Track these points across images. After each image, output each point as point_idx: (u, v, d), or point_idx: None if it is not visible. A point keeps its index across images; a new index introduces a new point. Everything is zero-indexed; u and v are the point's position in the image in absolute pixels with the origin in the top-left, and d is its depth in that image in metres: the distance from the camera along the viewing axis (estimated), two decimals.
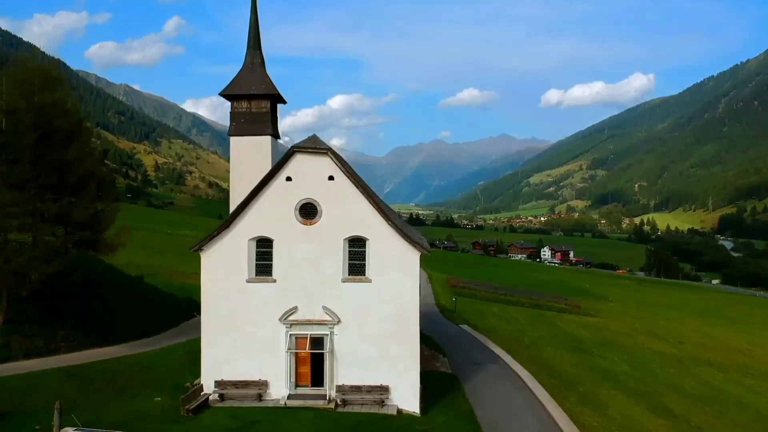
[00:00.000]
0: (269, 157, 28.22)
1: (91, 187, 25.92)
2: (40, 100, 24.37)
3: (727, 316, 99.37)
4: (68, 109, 25.64)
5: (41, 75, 24.62)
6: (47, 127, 24.44)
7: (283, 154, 23.26)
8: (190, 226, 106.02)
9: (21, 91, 24.09)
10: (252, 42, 30.80)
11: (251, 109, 29.04)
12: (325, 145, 22.63)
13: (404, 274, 22.66)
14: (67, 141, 25.10)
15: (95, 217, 25.78)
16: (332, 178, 22.66)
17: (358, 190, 22.52)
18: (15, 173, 23.26)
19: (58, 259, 23.09)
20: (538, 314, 57.82)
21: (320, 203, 22.72)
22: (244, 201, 23.10)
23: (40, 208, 23.39)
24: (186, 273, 48.58)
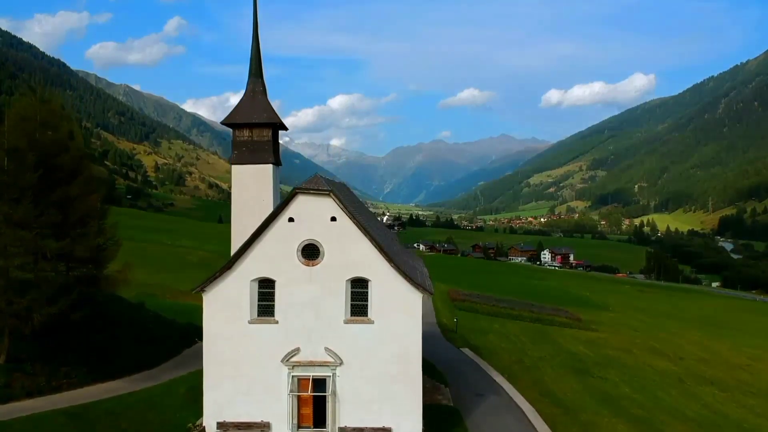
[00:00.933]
0: (271, 185, 28.29)
1: (93, 223, 25.92)
2: (43, 138, 24.34)
3: (727, 324, 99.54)
4: (70, 146, 25.58)
5: (44, 112, 24.56)
6: (49, 165, 24.41)
7: (286, 196, 23.24)
8: (190, 234, 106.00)
9: (23, 129, 24.08)
10: (253, 70, 30.85)
11: (253, 138, 29.10)
12: (327, 186, 22.62)
13: (406, 315, 22.65)
14: (70, 178, 25.08)
15: (97, 254, 25.74)
16: (334, 219, 22.68)
17: (360, 231, 22.51)
18: (17, 212, 23.24)
19: (61, 299, 23.05)
20: (539, 330, 57.81)
21: (322, 244, 22.73)
22: (247, 242, 23.14)
23: (42, 246, 23.35)
24: (186, 292, 48.47)
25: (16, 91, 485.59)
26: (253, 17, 32.90)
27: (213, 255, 76.13)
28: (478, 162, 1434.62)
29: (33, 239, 23.12)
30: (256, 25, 32.31)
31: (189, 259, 70.53)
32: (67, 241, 23.70)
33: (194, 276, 60.06)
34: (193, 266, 66.60)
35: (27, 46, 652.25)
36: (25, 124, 24.38)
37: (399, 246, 30.45)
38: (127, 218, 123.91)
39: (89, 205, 25.84)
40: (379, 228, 29.79)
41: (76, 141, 26.30)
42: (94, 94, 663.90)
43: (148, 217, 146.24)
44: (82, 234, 25.26)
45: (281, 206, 22.99)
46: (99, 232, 26.55)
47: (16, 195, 23.55)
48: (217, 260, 73.22)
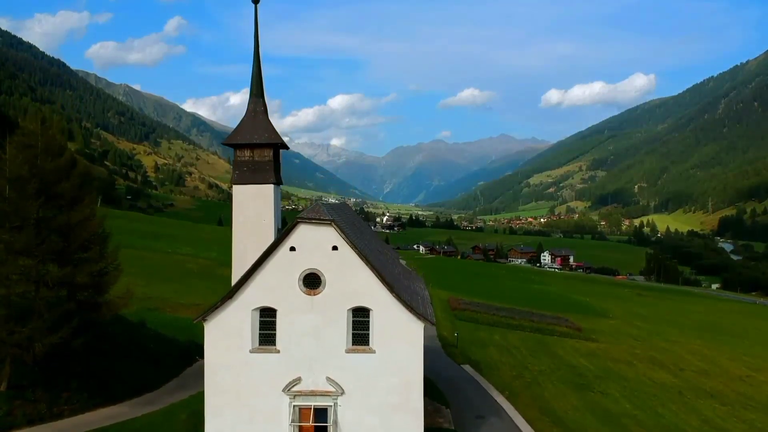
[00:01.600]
0: (272, 205, 28.34)
1: (95, 249, 25.94)
2: (44, 165, 24.35)
3: (727, 330, 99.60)
4: (72, 172, 25.59)
5: (45, 139, 24.58)
6: (51, 192, 24.42)
7: (288, 225, 23.25)
8: (190, 240, 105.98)
9: (25, 157, 24.08)
10: (254, 89, 30.92)
11: (254, 158, 29.18)
12: (328, 216, 22.62)
13: (408, 344, 22.66)
14: (71, 204, 25.08)
15: (98, 280, 25.75)
16: (336, 248, 22.69)
17: (362, 261, 22.52)
18: (19, 241, 23.24)
19: (63, 327, 23.07)
20: (539, 341, 57.85)
21: (324, 273, 22.74)
22: (248, 271, 23.15)
23: (44, 274, 23.37)
24: (186, 305, 48.63)
25: (15, 91, 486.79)
26: (255, 38, 32.88)
27: (213, 263, 76.19)
28: (478, 162, 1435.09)
29: (35, 267, 23.12)
30: (257, 45, 32.34)
31: (189, 268, 70.51)
32: (69, 269, 23.70)
33: (194, 286, 60.20)
34: (194, 275, 66.61)
35: (27, 46, 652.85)
36: (27, 151, 24.36)
37: (400, 268, 30.43)
38: (126, 222, 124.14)
39: (90, 230, 25.83)
40: (380, 251, 29.77)
41: (78, 168, 26.21)
42: (94, 94, 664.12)
43: (148, 220, 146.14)
44: (84, 260, 25.26)
45: (283, 235, 23.00)
46: (100, 257, 26.54)
47: (18, 223, 23.56)
48: (217, 268, 73.31)
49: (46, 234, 23.97)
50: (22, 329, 22.42)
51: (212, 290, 56.72)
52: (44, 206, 24.19)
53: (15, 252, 23.22)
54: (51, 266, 23.97)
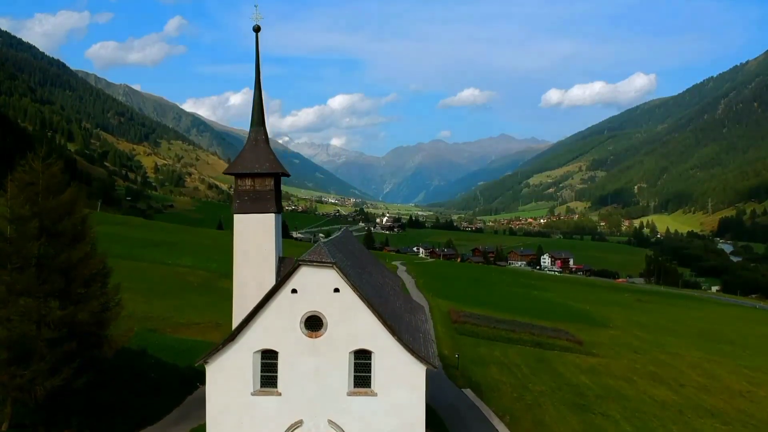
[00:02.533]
0: (273, 234, 28.46)
1: (96, 286, 25.91)
2: (46, 203, 24.33)
3: (727, 338, 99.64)
4: (73, 209, 25.57)
5: (47, 177, 24.56)
6: (52, 231, 24.39)
7: (289, 268, 23.22)
8: (191, 248, 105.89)
9: (27, 195, 24.05)
10: (256, 119, 31.11)
11: (255, 187, 29.33)
12: (330, 258, 22.60)
13: (410, 387, 22.66)
14: (72, 242, 25.06)
15: (100, 317, 25.73)
16: (337, 290, 22.68)
17: (363, 303, 22.51)
18: (20, 281, 23.21)
19: (65, 368, 23.04)
20: (539, 356, 57.82)
21: (325, 316, 22.73)
22: (250, 313, 23.14)
23: (45, 315, 23.34)
24: (186, 324, 48.59)
25: (15, 92, 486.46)
26: (256, 65, 33.01)
27: (213, 275, 76.16)
28: (477, 162, 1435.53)
29: (36, 307, 23.10)
30: (258, 73, 32.46)
31: (190, 281, 70.48)
32: (71, 309, 23.66)
33: (194, 302, 60.15)
34: (194, 289, 66.57)
35: (27, 47, 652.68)
36: (28, 189, 24.33)
37: (401, 300, 30.40)
38: (127, 229, 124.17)
39: (92, 268, 25.79)
40: (381, 284, 29.76)
41: (78, 205, 26.18)
42: (93, 94, 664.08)
43: (148, 226, 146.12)
44: (85, 298, 25.22)
45: (284, 278, 22.99)
46: (101, 294, 26.52)
47: (19, 264, 23.53)
48: (217, 280, 73.32)
49: (47, 274, 23.91)
50: (24, 372, 22.38)
51: (212, 306, 56.83)
52: (45, 245, 24.13)
53: (16, 293, 23.19)
54: (53, 303, 23.90)
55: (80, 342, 24.65)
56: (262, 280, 28.44)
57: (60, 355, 23.37)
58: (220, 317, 51.06)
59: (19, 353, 23.06)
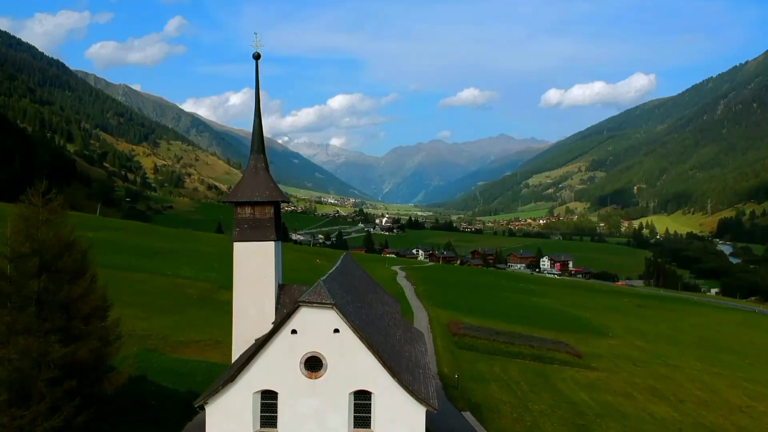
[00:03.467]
0: (273, 262, 28.57)
1: (96, 322, 25.90)
2: (46, 239, 24.29)
3: (726, 346, 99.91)
4: (73, 245, 25.55)
5: (46, 212, 24.53)
6: (52, 268, 24.36)
7: (290, 309, 23.21)
8: (190, 255, 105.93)
9: (27, 232, 24.00)
10: (255, 146, 31.14)
11: (255, 215, 29.41)
12: (330, 299, 22.59)
13: (409, 428, 22.66)
14: (73, 278, 25.02)
15: (100, 353, 25.70)
16: (337, 331, 22.69)
17: (363, 344, 22.52)
18: (20, 321, 23.17)
19: (65, 407, 23.01)
20: (539, 372, 57.85)
21: (325, 356, 22.73)
22: (251, 354, 23.11)
23: (46, 354, 23.31)
24: (186, 342, 48.55)
25: (15, 92, 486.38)
26: (255, 92, 33.00)
27: (213, 286, 76.16)
28: (477, 162, 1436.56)
29: (37, 347, 23.07)
30: (258, 99, 32.46)
31: (189, 294, 70.45)
32: (71, 347, 23.62)
33: (194, 317, 60.11)
34: (194, 303, 66.54)
35: (26, 47, 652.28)
36: (28, 225, 24.28)
37: (402, 330, 30.35)
38: (126, 236, 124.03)
39: (92, 304, 25.73)
40: (380, 315, 29.74)
41: (78, 241, 26.15)
42: (93, 95, 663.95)
43: (148, 232, 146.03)
44: (85, 334, 25.18)
45: (285, 318, 22.98)
46: (102, 329, 26.49)
47: (20, 303, 23.49)
48: (217, 292, 73.29)
49: (47, 312, 23.87)
50: (24, 413, 22.34)
51: (211, 322, 56.81)
52: (45, 282, 24.09)
53: (17, 332, 23.14)
54: (53, 341, 23.84)
55: (80, 380, 24.60)
56: (262, 307, 28.59)
57: (60, 394, 23.32)
58: (219, 334, 51.07)
59: (19, 394, 23.01)
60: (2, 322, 23.21)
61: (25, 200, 25.06)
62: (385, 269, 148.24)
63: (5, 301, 23.53)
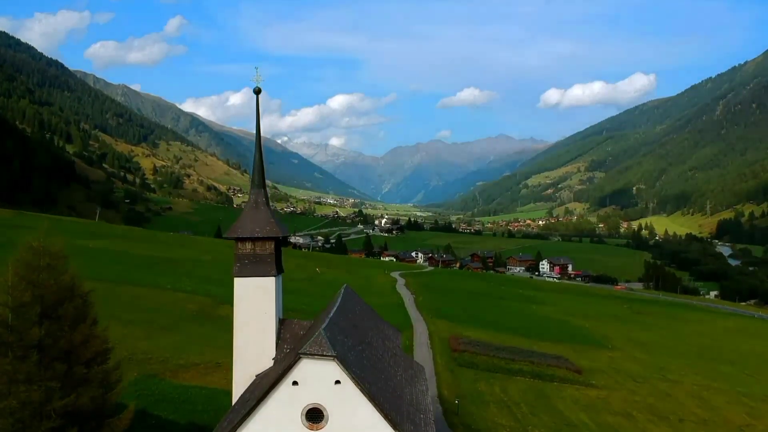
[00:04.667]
0: (273, 298, 28.71)
1: (97, 369, 25.82)
2: (47, 285, 24.24)
3: (727, 357, 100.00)
4: (74, 290, 25.49)
5: (47, 257, 24.49)
6: (53, 315, 24.32)
7: (291, 360, 23.16)
8: (189, 264, 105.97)
9: (28, 279, 23.95)
10: (256, 181, 31.13)
11: (255, 251, 29.51)
12: (331, 351, 22.56)
13: None
14: (73, 325, 24.97)
15: (101, 403, 25.63)
16: (339, 382, 22.65)
17: (365, 396, 22.49)
18: (21, 371, 23.11)
19: None
20: (539, 391, 57.87)
21: (326, 408, 22.69)
22: (251, 406, 23.06)
23: (46, 404, 23.26)
24: (186, 366, 48.45)
25: (14, 93, 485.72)
26: (256, 127, 33.00)
27: (213, 300, 76.06)
28: (476, 162, 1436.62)
29: (39, 396, 23.02)
30: (258, 135, 32.46)
31: (189, 309, 70.36)
32: (72, 396, 23.58)
33: (194, 335, 60.01)
34: (193, 319, 66.49)
35: (25, 47, 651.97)
36: (29, 272, 24.24)
37: (402, 368, 30.29)
38: (126, 244, 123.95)
39: (93, 350, 25.66)
40: (380, 356, 29.71)
41: (79, 285, 26.09)
42: (92, 95, 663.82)
43: (148, 239, 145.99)
44: (86, 381, 25.13)
45: (285, 370, 22.92)
46: (103, 374, 26.42)
47: (21, 353, 23.43)
48: (217, 308, 73.19)
49: (48, 360, 23.82)
50: None
51: (211, 341, 56.76)
52: (47, 330, 24.05)
53: (18, 382, 23.09)
54: (54, 390, 23.80)
55: (81, 427, 24.56)
56: (263, 343, 28.70)
57: None
58: (219, 355, 51.10)
59: None
60: (3, 372, 23.19)
61: (26, 244, 25.06)
62: (385, 276, 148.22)
63: (6, 351, 23.48)
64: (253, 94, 30.78)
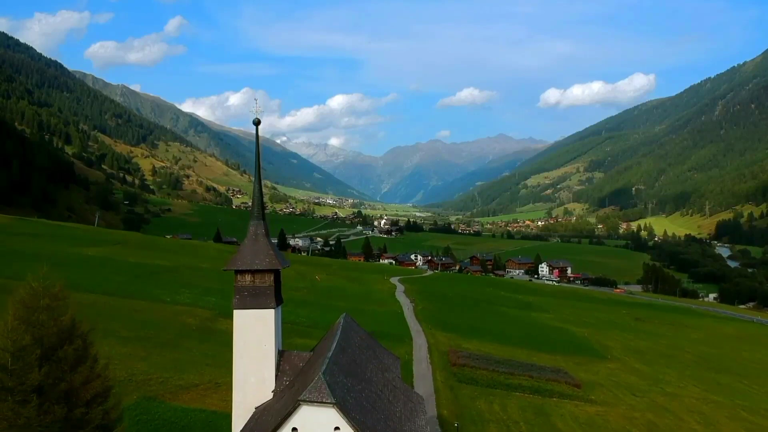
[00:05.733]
0: (272, 329, 28.94)
1: (97, 409, 25.82)
2: (47, 327, 24.24)
3: (726, 366, 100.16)
4: (74, 331, 25.50)
5: (47, 298, 24.50)
6: (53, 358, 24.32)
7: (290, 407, 23.17)
8: (188, 276, 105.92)
9: (27, 321, 23.94)
10: (256, 213, 31.24)
11: (255, 283, 29.73)
12: (331, 397, 22.59)
13: None
14: (74, 366, 24.97)
15: None
16: (338, 428, 22.69)
17: None
18: (21, 415, 23.11)
19: None
20: (538, 408, 57.84)
21: None
22: None
23: None
24: (185, 387, 48.36)
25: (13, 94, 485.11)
26: (256, 159, 33.05)
27: (212, 314, 76.08)
28: (475, 162, 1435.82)
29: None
30: (258, 167, 32.55)
31: (189, 324, 70.30)
32: None
33: (194, 353, 59.97)
34: (193, 334, 66.41)
35: (24, 48, 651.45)
36: (29, 314, 24.23)
37: (401, 404, 30.34)
38: (125, 252, 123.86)
39: (94, 390, 25.66)
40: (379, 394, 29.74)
41: (79, 326, 26.10)
42: (91, 96, 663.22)
43: (147, 245, 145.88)
44: (86, 422, 25.13)
45: (285, 417, 22.94)
46: (104, 414, 26.42)
47: (21, 398, 23.42)
48: (217, 321, 73.16)
49: (48, 404, 23.82)
50: None
51: (211, 358, 56.78)
52: (47, 373, 24.05)
53: (18, 427, 23.10)
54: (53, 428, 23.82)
55: None
56: (262, 375, 28.88)
57: None
58: (218, 374, 51.17)
59: None
60: (3, 418, 23.18)
61: (27, 286, 25.05)
62: (384, 282, 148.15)
63: (6, 396, 23.47)
64: (253, 94, 30.97)
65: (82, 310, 66.83)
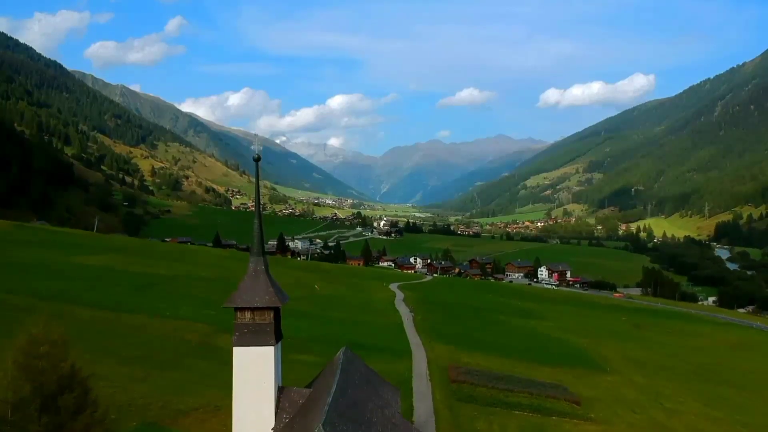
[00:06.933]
0: (272, 367, 29.04)
1: None
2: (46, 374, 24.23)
3: (726, 377, 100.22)
4: (73, 378, 25.50)
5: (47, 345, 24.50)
6: (52, 407, 24.33)
7: None
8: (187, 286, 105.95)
9: (27, 369, 23.95)
10: (256, 249, 31.28)
11: (255, 320, 29.85)
12: None
13: None
14: (74, 415, 24.99)
15: None
16: None
17: None
18: None
19: None
20: (538, 428, 57.76)
21: None
22: None
23: None
24: (185, 411, 48.26)
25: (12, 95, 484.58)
26: (256, 197, 32.97)
27: (211, 329, 76.02)
28: (475, 162, 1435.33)
29: None
30: (258, 204, 32.51)
31: (188, 340, 70.25)
32: None
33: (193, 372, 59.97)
34: (193, 352, 66.31)
35: (24, 48, 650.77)
36: (28, 360, 24.23)
37: None
38: (124, 260, 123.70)
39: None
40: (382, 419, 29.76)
41: (78, 372, 26.11)
42: (90, 96, 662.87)
43: (147, 252, 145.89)
44: None
45: None
46: None
47: None
48: (216, 337, 73.13)
49: None
50: None
51: (211, 379, 56.71)
52: (47, 424, 24.06)
53: None
54: None
55: None
56: (262, 412, 28.95)
57: None
58: (218, 396, 50.99)
59: None
60: None
61: (27, 332, 25.05)
62: (384, 290, 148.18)
63: None
64: (253, 96, 30.94)
65: (83, 327, 66.74)
